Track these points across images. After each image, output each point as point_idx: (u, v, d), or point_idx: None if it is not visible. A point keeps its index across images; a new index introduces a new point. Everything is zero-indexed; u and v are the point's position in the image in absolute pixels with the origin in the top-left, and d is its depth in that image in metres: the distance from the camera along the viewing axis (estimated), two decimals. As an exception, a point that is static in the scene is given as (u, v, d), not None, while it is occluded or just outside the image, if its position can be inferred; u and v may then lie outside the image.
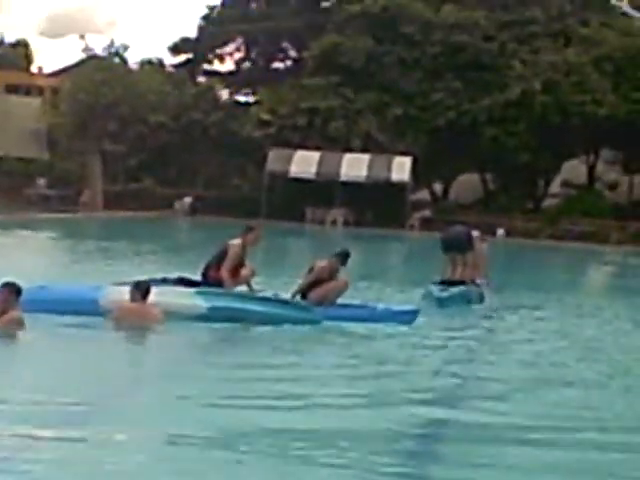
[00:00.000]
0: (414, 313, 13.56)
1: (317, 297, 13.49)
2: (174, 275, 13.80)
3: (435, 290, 16.20)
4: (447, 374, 10.05)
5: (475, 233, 18.26)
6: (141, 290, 11.81)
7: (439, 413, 8.26)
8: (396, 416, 7.90)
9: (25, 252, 23.19)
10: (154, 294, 11.85)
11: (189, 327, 11.96)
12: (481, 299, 16.68)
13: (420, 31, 45.10)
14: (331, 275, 13.76)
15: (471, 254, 17.23)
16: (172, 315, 11.85)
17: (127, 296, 12.08)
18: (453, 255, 17.30)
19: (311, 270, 13.84)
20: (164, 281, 13.47)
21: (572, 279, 26.78)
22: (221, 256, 13.62)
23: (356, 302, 13.92)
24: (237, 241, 13.74)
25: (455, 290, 16.18)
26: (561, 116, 41.87)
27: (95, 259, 21.90)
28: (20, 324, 10.74)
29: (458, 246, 17.24)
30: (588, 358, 11.52)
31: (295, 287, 13.79)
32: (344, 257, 14.05)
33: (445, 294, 15.96)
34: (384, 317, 13.26)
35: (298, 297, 13.53)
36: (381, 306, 13.92)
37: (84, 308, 11.98)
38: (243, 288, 13.66)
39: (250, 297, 12.99)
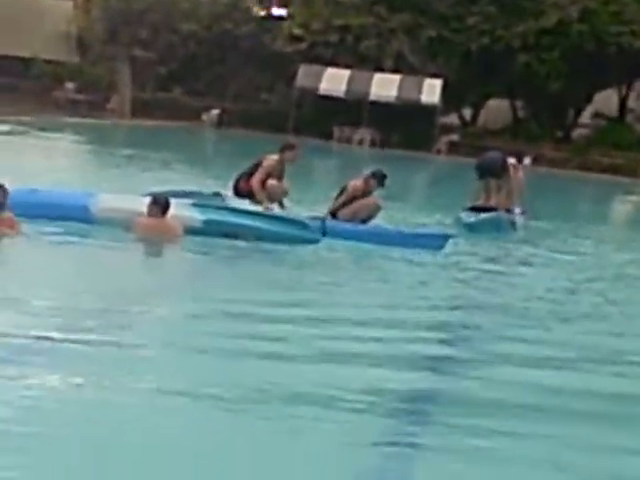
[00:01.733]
0: (445, 238, 13.06)
1: (347, 214, 13.26)
2: (208, 190, 13.64)
3: (464, 216, 16.07)
4: (459, 307, 9.91)
5: (511, 160, 18.10)
6: (160, 204, 11.50)
7: (444, 351, 8.03)
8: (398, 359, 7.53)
9: (49, 155, 23.28)
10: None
11: (210, 243, 11.71)
12: (513, 227, 16.36)
13: (459, -48, 44.40)
14: (364, 195, 13.47)
15: (506, 181, 16.94)
16: None
17: (120, 204, 11.93)
18: (487, 181, 17.02)
19: (343, 190, 13.54)
20: (193, 194, 13.41)
21: (598, 211, 26.68)
22: (255, 168, 13.52)
23: (385, 224, 13.59)
24: (275, 156, 13.65)
25: (485, 216, 15.91)
26: (596, 45, 41.30)
27: (119, 166, 21.91)
28: (13, 227, 10.65)
29: (493, 171, 16.94)
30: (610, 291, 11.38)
31: (328, 207, 13.56)
32: (380, 178, 13.59)
33: (474, 220, 15.79)
34: (412, 241, 12.75)
35: (329, 217, 13.23)
36: (409, 229, 13.54)
37: (74, 214, 11.76)
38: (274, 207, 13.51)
39: (248, 212, 12.52)
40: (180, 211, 11.79)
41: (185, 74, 47.71)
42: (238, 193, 13.39)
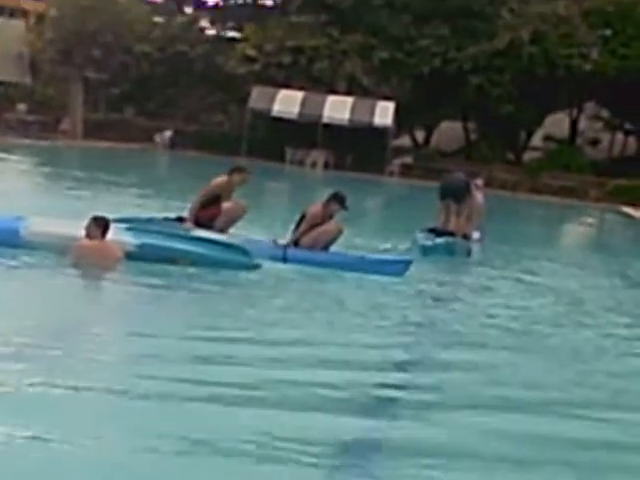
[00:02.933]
0: (406, 264, 12.92)
1: (308, 242, 13.07)
2: (162, 215, 13.65)
3: (420, 237, 16.07)
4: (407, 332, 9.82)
5: (479, 182, 18.15)
6: (100, 226, 11.04)
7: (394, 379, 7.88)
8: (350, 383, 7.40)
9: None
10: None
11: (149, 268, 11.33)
12: (468, 253, 16.27)
13: (411, -26, 44.70)
14: (324, 220, 13.24)
15: (467, 205, 16.92)
16: None
17: (52, 228, 11.54)
18: (448, 203, 17.03)
19: (303, 218, 13.31)
20: (150, 221, 13.35)
21: (552, 233, 26.89)
22: (212, 199, 13.56)
23: (345, 252, 13.39)
24: (223, 178, 13.63)
25: (441, 241, 15.88)
26: (547, 68, 41.69)
27: (70, 189, 21.66)
28: None
29: (455, 194, 16.90)
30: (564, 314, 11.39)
31: (286, 232, 13.43)
32: (341, 200, 13.29)
33: (429, 243, 15.78)
34: (373, 267, 12.65)
35: (292, 246, 13.06)
36: (369, 255, 13.37)
37: (3, 238, 11.42)
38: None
39: (184, 236, 12.21)
40: (113, 235, 11.36)
41: (138, 95, 47.61)
42: (198, 223, 13.29)
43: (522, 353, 9.16)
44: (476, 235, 17.63)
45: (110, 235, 11.21)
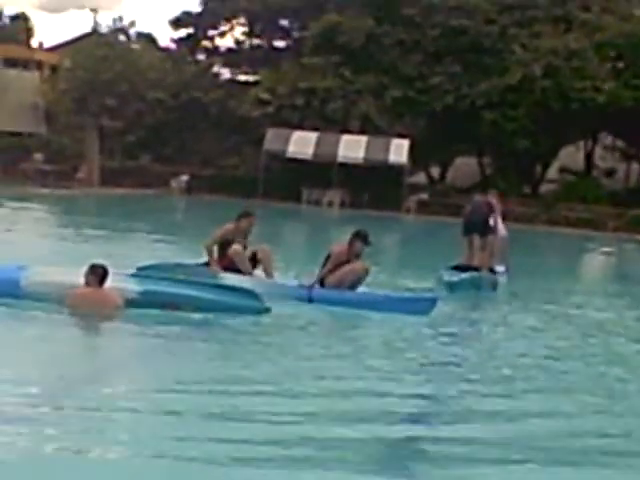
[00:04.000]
0: (432, 302, 12.74)
1: (334, 281, 12.98)
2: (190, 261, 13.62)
3: (445, 275, 16.04)
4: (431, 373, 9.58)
5: (491, 196, 18.12)
6: (97, 274, 10.83)
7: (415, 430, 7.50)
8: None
9: (16, 227, 23.11)
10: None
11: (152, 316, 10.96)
12: (494, 287, 16.22)
13: (421, 13, 44.96)
14: (349, 259, 13.15)
15: (491, 238, 16.99)
16: None
17: (51, 277, 11.26)
18: (471, 238, 17.06)
19: (328, 258, 13.21)
20: (178, 266, 13.33)
21: (570, 265, 26.78)
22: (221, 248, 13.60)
23: (372, 292, 13.20)
24: (230, 225, 13.69)
25: (466, 276, 15.83)
26: (561, 102, 41.73)
27: (88, 237, 21.74)
28: None
29: (479, 228, 16.95)
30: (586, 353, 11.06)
31: (314, 276, 13.27)
32: (364, 237, 13.19)
33: (455, 279, 15.71)
34: (399, 306, 12.49)
35: (317, 285, 12.97)
36: (396, 294, 13.26)
37: (3, 289, 11.11)
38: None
39: (189, 282, 11.84)
40: (116, 283, 11.12)
41: (153, 141, 47.85)
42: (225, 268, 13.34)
43: (551, 394, 8.83)
44: (501, 268, 17.61)
45: (112, 282, 10.97)
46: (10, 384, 7.64)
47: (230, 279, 12.64)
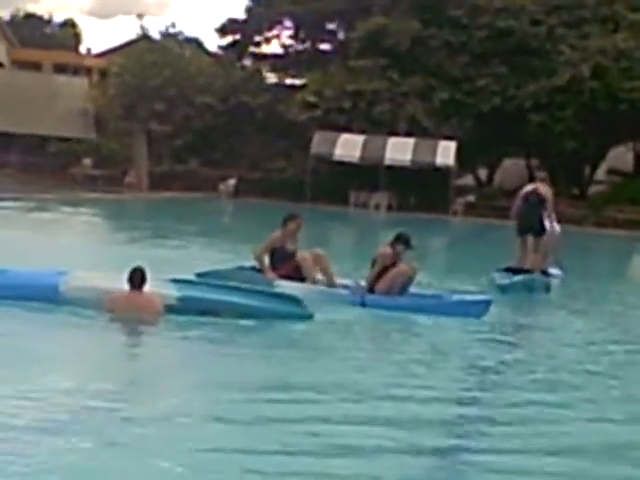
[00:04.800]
0: (486, 304, 12.64)
1: (383, 288, 12.98)
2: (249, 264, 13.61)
3: (497, 277, 15.98)
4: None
5: (542, 175, 17.92)
6: (136, 277, 10.82)
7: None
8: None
9: (68, 232, 23.38)
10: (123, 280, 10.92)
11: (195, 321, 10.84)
12: (547, 289, 16.11)
13: (467, 14, 44.84)
14: (394, 262, 13.14)
15: (545, 238, 16.88)
16: None
17: (90, 282, 11.24)
18: (525, 239, 16.94)
19: (374, 262, 13.26)
20: (241, 269, 13.41)
21: (620, 267, 26.59)
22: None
23: (425, 292, 13.23)
24: (277, 232, 13.69)
25: (518, 278, 15.75)
26: (609, 102, 41.44)
27: (136, 241, 21.90)
28: None
29: (534, 228, 16.83)
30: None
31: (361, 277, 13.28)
32: (406, 240, 13.19)
33: (507, 281, 15.66)
34: (453, 309, 12.46)
35: (367, 293, 12.98)
36: (448, 296, 13.15)
37: (42, 294, 11.07)
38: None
39: (230, 288, 11.70)
40: (155, 288, 11.08)
41: (201, 145, 48.09)
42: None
43: (602, 403, 8.63)
44: (556, 271, 17.53)
45: (152, 287, 10.95)
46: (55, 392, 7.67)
47: (285, 287, 12.59)
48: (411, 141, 43.01)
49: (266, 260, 13.57)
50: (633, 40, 42.49)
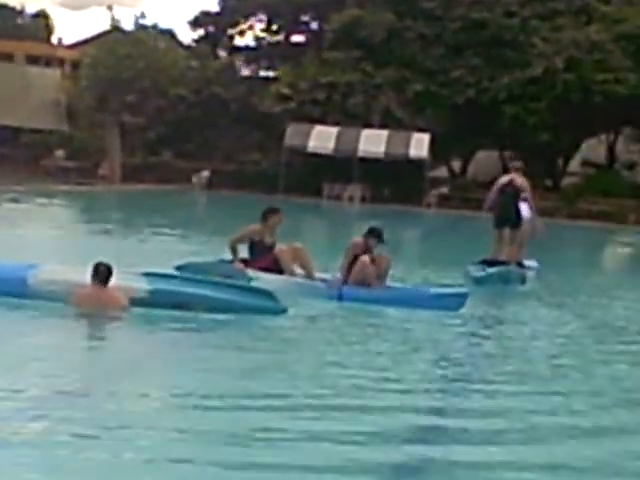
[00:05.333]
0: (464, 296, 12.59)
1: (354, 280, 12.87)
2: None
3: (473, 269, 15.99)
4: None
5: (517, 164, 17.94)
6: (101, 272, 10.54)
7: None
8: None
9: (39, 225, 23.19)
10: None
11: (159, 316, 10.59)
12: (522, 280, 16.14)
13: (441, 6, 44.87)
14: (364, 252, 12.99)
15: (522, 230, 16.89)
16: None
17: (60, 276, 10.97)
18: (502, 231, 16.94)
19: (347, 252, 13.17)
20: (222, 262, 13.31)
21: (592, 259, 26.70)
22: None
23: (402, 285, 13.20)
24: (256, 225, 13.57)
25: (493, 270, 15.76)
26: (582, 95, 41.56)
27: (112, 233, 21.81)
28: None
29: (512, 220, 16.84)
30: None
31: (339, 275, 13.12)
32: (378, 234, 13.09)
33: (482, 273, 15.67)
34: (430, 302, 12.37)
35: (341, 284, 12.86)
36: (425, 289, 13.11)
37: (11, 288, 10.80)
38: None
39: (203, 281, 11.48)
40: (126, 282, 10.87)
41: (174, 137, 47.91)
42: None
43: (577, 394, 8.60)
44: (531, 263, 17.54)
45: (122, 281, 10.75)
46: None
47: (263, 279, 12.45)
48: (385, 133, 43.01)
49: (238, 250, 13.49)
50: (606, 32, 42.61)
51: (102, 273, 10.53)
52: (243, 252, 13.54)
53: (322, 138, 43.02)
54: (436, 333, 11.27)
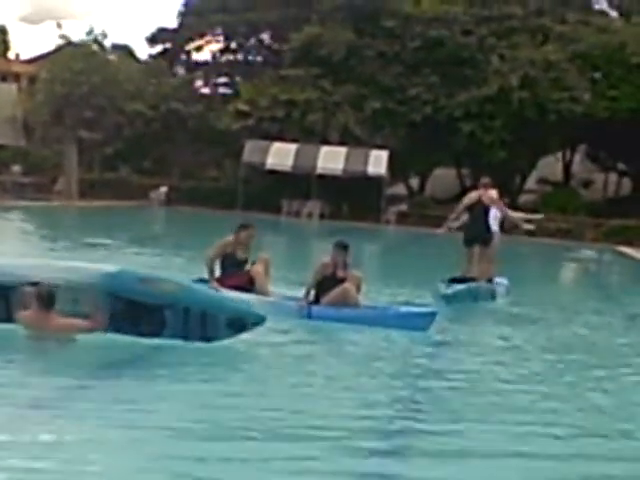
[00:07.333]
0: (432, 315, 12.53)
1: (330, 302, 12.85)
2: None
3: (442, 287, 15.99)
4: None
5: (486, 180, 17.98)
6: (42, 297, 9.89)
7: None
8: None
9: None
10: None
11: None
12: (492, 296, 16.23)
13: (400, 25, 45.06)
14: (334, 271, 13.01)
15: (492, 246, 16.93)
16: None
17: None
18: (472, 249, 16.91)
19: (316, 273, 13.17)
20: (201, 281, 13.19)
21: (552, 276, 26.85)
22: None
23: (372, 304, 13.16)
24: (228, 238, 13.65)
25: (462, 287, 15.74)
26: (538, 113, 41.90)
27: (68, 249, 21.57)
28: None
29: (483, 237, 16.87)
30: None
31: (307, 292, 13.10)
32: (343, 245, 13.09)
33: (450, 291, 15.65)
34: (398, 321, 12.31)
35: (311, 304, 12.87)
36: (394, 309, 13.04)
37: None
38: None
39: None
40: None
41: (132, 153, 47.77)
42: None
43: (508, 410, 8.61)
44: (501, 280, 17.55)
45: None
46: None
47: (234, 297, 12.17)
48: (343, 150, 43.09)
49: (216, 268, 13.48)
50: (562, 52, 43.01)
51: (44, 297, 9.90)
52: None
53: (281, 155, 43.02)
54: (401, 350, 11.25)
